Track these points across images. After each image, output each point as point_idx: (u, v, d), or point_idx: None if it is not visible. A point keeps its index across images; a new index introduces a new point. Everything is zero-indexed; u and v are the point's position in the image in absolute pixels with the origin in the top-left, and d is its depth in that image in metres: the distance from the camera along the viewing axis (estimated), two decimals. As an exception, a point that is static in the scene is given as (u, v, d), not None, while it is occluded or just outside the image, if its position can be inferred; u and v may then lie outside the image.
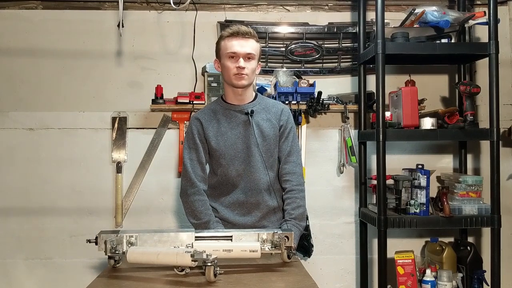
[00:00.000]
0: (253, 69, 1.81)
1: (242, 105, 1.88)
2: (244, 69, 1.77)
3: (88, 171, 2.59)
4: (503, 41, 2.47)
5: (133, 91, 2.61)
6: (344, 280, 2.67)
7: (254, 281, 1.26)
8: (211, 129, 1.86)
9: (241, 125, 1.85)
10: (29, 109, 2.58)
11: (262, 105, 1.90)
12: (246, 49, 1.77)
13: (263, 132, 1.85)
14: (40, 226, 2.57)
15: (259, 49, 1.84)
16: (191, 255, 1.25)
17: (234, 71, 1.78)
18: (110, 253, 1.36)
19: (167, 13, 2.62)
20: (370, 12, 2.52)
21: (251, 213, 1.86)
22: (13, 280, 2.57)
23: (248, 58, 1.78)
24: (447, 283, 2.23)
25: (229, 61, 1.79)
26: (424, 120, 2.25)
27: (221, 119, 1.87)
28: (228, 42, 1.79)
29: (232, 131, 1.85)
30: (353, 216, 2.66)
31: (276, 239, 1.45)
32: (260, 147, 1.83)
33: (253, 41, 1.80)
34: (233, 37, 1.78)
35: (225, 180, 1.86)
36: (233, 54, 1.77)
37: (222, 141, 1.84)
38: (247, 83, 1.82)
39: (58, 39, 2.59)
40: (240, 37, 1.77)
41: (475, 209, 2.27)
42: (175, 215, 2.60)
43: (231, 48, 1.78)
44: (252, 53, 1.78)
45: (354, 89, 2.63)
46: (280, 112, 1.90)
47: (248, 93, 1.89)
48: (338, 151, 2.65)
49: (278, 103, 1.97)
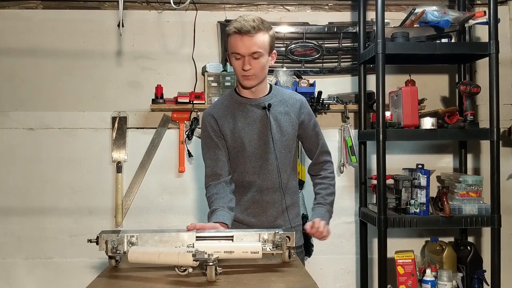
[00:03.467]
0: (262, 66, 1.66)
1: (258, 98, 1.74)
2: (250, 70, 1.64)
3: (88, 171, 2.59)
4: (503, 41, 2.47)
5: (133, 91, 2.61)
6: (344, 280, 2.67)
7: (254, 281, 1.26)
8: (227, 126, 1.73)
9: (258, 120, 1.72)
10: (29, 109, 2.59)
11: (278, 97, 1.76)
12: (251, 48, 1.61)
13: (281, 127, 1.73)
14: (40, 226, 2.58)
15: (268, 40, 1.65)
16: (192, 255, 1.25)
17: (241, 72, 1.65)
18: (111, 253, 1.36)
19: (167, 13, 2.62)
20: (370, 12, 2.52)
21: (266, 212, 1.76)
22: (13, 279, 2.57)
23: (254, 57, 1.63)
24: (447, 283, 2.23)
25: (235, 61, 1.66)
26: (424, 120, 2.25)
27: (236, 114, 1.73)
28: (232, 41, 1.64)
29: (250, 127, 1.72)
30: (353, 216, 2.66)
31: (277, 239, 1.44)
32: (278, 143, 1.72)
33: (259, 36, 1.62)
34: (236, 35, 1.62)
35: (242, 178, 1.76)
36: (238, 55, 1.64)
37: (239, 138, 1.72)
38: (255, 83, 1.69)
39: (58, 39, 2.60)
40: (245, 35, 1.60)
41: (475, 209, 2.27)
42: (175, 215, 2.60)
43: (235, 49, 1.63)
44: (258, 51, 1.62)
45: (354, 89, 2.63)
46: (299, 106, 1.77)
47: (262, 87, 1.74)
48: (338, 151, 2.65)
49: (295, 94, 1.83)
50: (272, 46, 1.69)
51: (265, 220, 1.76)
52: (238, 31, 1.61)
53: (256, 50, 1.62)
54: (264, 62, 1.66)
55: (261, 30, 1.63)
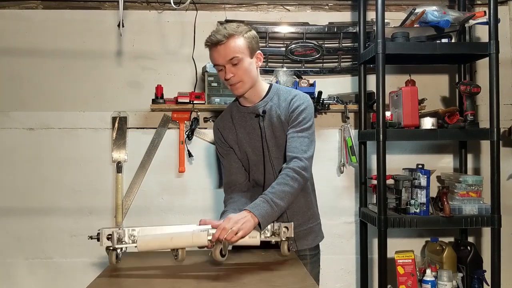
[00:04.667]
0: (244, 70, 1.62)
1: (253, 105, 1.72)
2: (233, 78, 1.62)
3: (88, 171, 2.59)
4: (503, 41, 2.47)
5: (133, 91, 2.61)
6: (344, 280, 2.67)
7: (254, 281, 1.26)
8: (231, 138, 1.76)
9: (257, 128, 1.71)
10: (29, 109, 2.59)
11: (274, 100, 1.71)
12: (227, 56, 1.59)
13: (275, 133, 1.69)
14: (40, 226, 2.57)
15: (245, 43, 1.61)
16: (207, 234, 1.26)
17: (226, 82, 1.66)
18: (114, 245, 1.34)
19: (167, 13, 2.62)
20: (370, 12, 2.52)
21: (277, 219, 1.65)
22: (13, 280, 2.57)
23: (233, 64, 1.61)
24: (447, 283, 2.23)
25: (219, 73, 1.67)
26: (424, 120, 2.25)
27: (237, 126, 1.75)
28: (210, 54, 1.66)
29: (250, 136, 1.73)
30: (353, 216, 2.66)
31: (275, 229, 1.45)
32: (274, 149, 1.69)
33: (232, 42, 1.59)
34: (211, 47, 1.62)
35: (253, 184, 1.78)
36: (219, 67, 1.64)
37: (243, 149, 1.74)
38: (245, 89, 1.66)
39: (58, 39, 2.60)
40: (217, 45, 1.60)
41: (475, 209, 2.27)
42: (175, 215, 2.60)
43: (213, 60, 1.65)
44: (235, 56, 1.59)
45: (354, 89, 2.63)
46: (289, 102, 1.68)
47: (256, 91, 1.71)
48: (338, 151, 2.65)
49: (290, 91, 1.73)
50: (253, 47, 1.65)
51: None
52: (211, 43, 1.61)
53: (232, 55, 1.60)
54: (246, 65, 1.63)
55: (233, 36, 1.60)
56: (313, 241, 1.76)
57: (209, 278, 1.29)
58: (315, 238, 1.77)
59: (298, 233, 1.66)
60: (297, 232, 1.64)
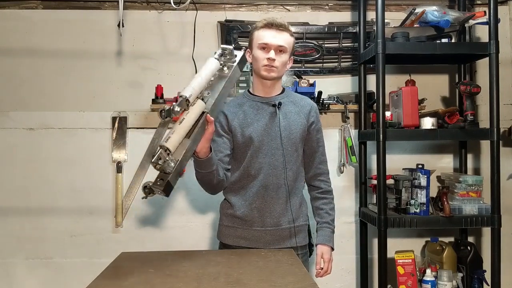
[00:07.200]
0: (284, 62, 1.77)
1: (270, 97, 1.84)
2: (274, 61, 1.73)
3: (88, 171, 2.59)
4: (503, 41, 2.47)
5: (133, 91, 2.61)
6: (344, 280, 2.67)
7: (254, 281, 1.26)
8: (236, 120, 1.81)
9: (268, 116, 1.80)
10: (29, 109, 2.59)
11: (290, 98, 1.86)
12: (279, 41, 1.73)
13: (291, 125, 1.80)
14: (40, 226, 2.57)
15: (293, 43, 1.79)
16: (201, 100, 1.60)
17: (264, 62, 1.74)
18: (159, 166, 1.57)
19: (167, 13, 2.62)
20: (370, 12, 2.52)
21: (270, 208, 1.80)
22: (13, 280, 2.57)
23: (279, 51, 1.74)
24: (447, 283, 2.23)
25: (260, 52, 1.75)
26: (424, 120, 2.25)
27: (247, 110, 1.82)
28: (260, 33, 1.75)
29: (258, 122, 1.80)
30: (353, 216, 2.66)
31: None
32: (286, 140, 1.79)
33: (286, 34, 1.75)
34: (266, 28, 1.74)
35: (248, 172, 1.80)
36: (265, 45, 1.74)
37: (247, 132, 1.79)
38: (276, 76, 1.77)
39: (58, 39, 2.60)
40: (274, 29, 1.73)
41: (475, 209, 2.27)
42: (176, 215, 2.60)
43: (262, 39, 1.74)
44: (284, 45, 1.74)
45: (354, 89, 2.63)
46: (309, 108, 1.86)
47: (277, 86, 1.85)
48: (338, 151, 2.65)
49: (306, 98, 1.92)
50: (293, 50, 1.82)
51: (268, 216, 1.81)
52: (269, 25, 1.74)
53: (283, 44, 1.74)
54: (286, 59, 1.77)
55: (288, 31, 1.77)
56: (303, 240, 1.89)
57: (209, 278, 1.28)
58: (305, 237, 1.90)
59: (291, 229, 1.82)
60: (291, 227, 1.82)
